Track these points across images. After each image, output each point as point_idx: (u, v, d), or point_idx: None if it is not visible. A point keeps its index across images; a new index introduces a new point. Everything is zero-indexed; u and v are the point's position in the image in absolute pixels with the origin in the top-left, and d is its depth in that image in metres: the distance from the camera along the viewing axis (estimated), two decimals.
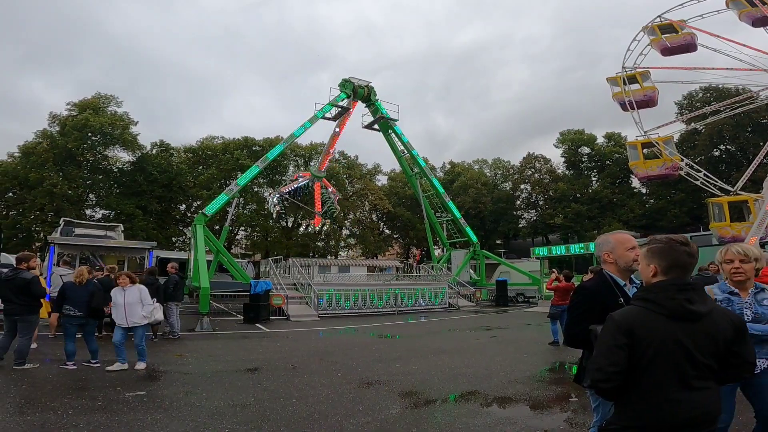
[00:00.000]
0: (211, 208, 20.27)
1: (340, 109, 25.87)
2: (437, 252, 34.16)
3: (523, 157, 52.26)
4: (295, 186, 28.91)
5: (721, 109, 24.16)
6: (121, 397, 5.68)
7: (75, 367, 7.17)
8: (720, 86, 29.98)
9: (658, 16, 23.16)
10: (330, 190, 29.87)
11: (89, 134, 36.28)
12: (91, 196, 39.98)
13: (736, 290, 2.99)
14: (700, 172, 21.44)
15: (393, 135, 28.15)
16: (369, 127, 28.73)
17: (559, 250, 25.12)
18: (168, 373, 7.26)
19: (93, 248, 15.24)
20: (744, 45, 20.99)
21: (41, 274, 11.80)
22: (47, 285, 11.39)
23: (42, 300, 8.11)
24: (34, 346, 7.76)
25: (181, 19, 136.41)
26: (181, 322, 11.62)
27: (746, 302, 2.94)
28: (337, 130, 26.89)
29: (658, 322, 1.86)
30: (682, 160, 22.03)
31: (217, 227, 34.47)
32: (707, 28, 22.82)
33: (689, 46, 22.25)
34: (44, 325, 9.96)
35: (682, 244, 2.00)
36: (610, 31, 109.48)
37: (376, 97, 27.28)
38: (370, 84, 26.91)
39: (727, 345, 1.88)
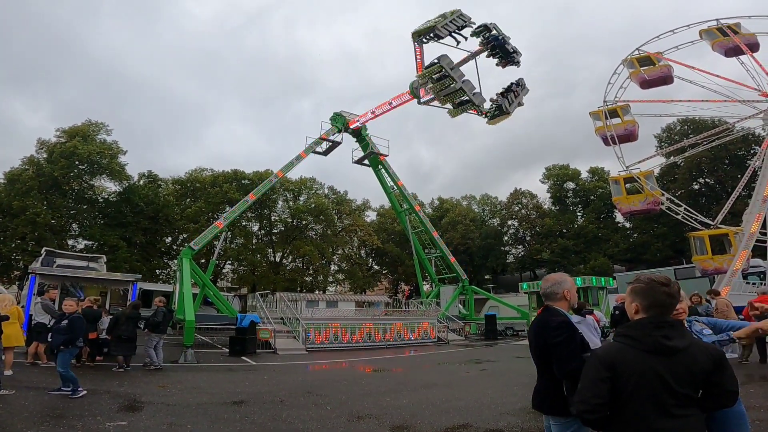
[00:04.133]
0: (197, 242, 20.09)
1: (330, 143, 26.21)
2: (426, 287, 33.99)
3: (510, 193, 53.31)
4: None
5: (699, 141, 24.99)
6: (101, 426, 5.46)
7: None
8: (697, 118, 31.17)
9: (637, 49, 24.24)
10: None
11: (77, 162, 35.79)
12: (74, 226, 39.19)
13: None
14: (681, 206, 22.00)
15: (383, 171, 28.46)
16: (359, 162, 29.03)
17: None
18: (150, 404, 7.00)
19: (75, 279, 14.90)
20: (719, 76, 21.94)
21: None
22: (25, 314, 11.13)
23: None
24: (9, 372, 7.50)
25: (162, 43, 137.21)
26: (164, 354, 11.35)
27: None
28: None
29: (638, 356, 2.02)
30: (663, 194, 22.60)
31: (203, 261, 34.02)
32: (682, 59, 23.96)
33: (666, 78, 23.15)
34: (19, 352, 9.68)
35: (662, 285, 2.17)
36: (584, 59, 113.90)
37: (367, 132, 27.71)
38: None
39: (706, 376, 2.00)
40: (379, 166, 28.36)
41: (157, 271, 42.27)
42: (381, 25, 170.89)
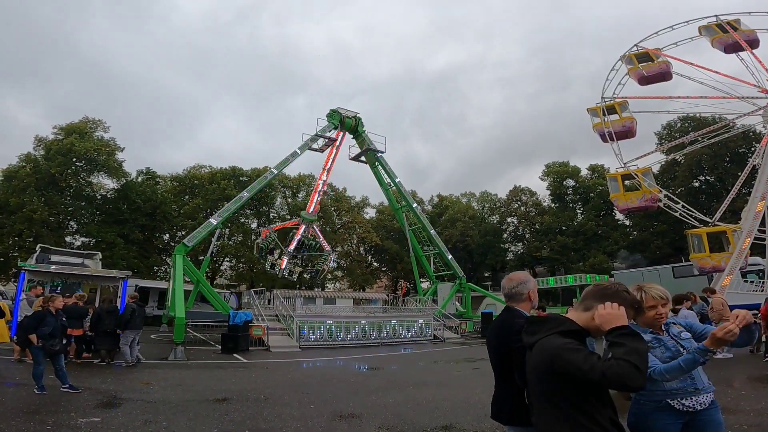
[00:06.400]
0: (192, 239, 19.98)
1: (327, 140, 26.06)
2: (425, 285, 33.86)
3: (510, 190, 53.09)
4: (298, 239, 25.32)
5: (699, 138, 24.73)
6: (73, 422, 5.38)
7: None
8: (697, 115, 30.91)
9: (635, 45, 24.01)
10: (321, 240, 26.29)
11: (74, 159, 35.73)
12: (71, 223, 39.16)
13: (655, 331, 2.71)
14: (679, 203, 21.79)
15: (380, 167, 28.27)
16: (356, 159, 28.89)
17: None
18: (129, 400, 6.91)
19: (65, 276, 14.81)
20: (718, 72, 21.71)
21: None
22: (15, 310, 11.08)
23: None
24: None
25: (153, 40, 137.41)
26: (154, 351, 11.30)
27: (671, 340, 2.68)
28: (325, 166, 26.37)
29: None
30: (661, 191, 22.40)
31: (201, 257, 33.92)
32: (681, 56, 23.74)
33: (665, 75, 22.94)
34: (7, 349, 9.62)
35: None
36: (579, 54, 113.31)
37: (364, 129, 27.53)
38: (357, 115, 27.19)
39: (544, 375, 2.01)
40: (376, 163, 28.18)
41: (155, 267, 42.23)
42: (373, 20, 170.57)
